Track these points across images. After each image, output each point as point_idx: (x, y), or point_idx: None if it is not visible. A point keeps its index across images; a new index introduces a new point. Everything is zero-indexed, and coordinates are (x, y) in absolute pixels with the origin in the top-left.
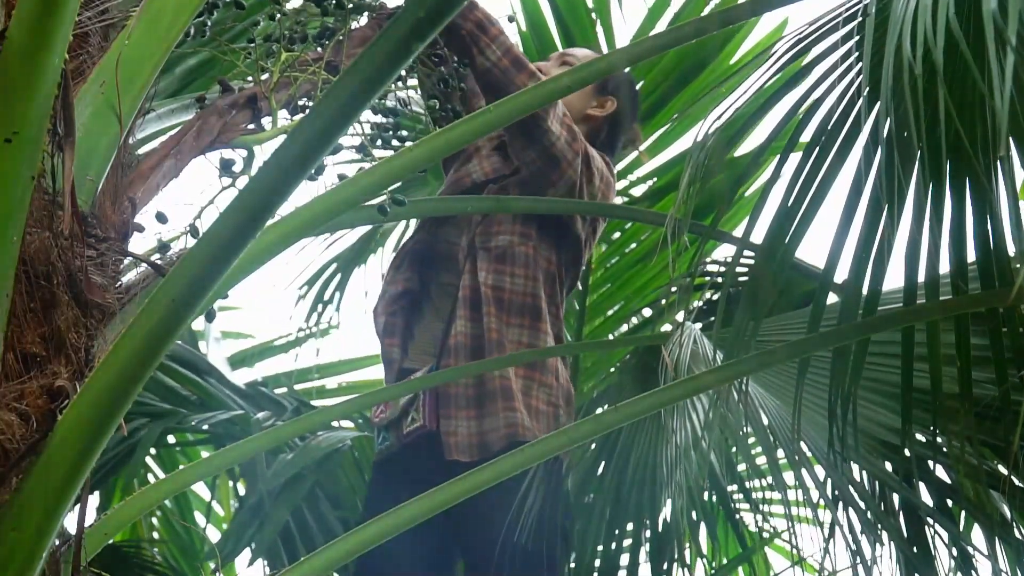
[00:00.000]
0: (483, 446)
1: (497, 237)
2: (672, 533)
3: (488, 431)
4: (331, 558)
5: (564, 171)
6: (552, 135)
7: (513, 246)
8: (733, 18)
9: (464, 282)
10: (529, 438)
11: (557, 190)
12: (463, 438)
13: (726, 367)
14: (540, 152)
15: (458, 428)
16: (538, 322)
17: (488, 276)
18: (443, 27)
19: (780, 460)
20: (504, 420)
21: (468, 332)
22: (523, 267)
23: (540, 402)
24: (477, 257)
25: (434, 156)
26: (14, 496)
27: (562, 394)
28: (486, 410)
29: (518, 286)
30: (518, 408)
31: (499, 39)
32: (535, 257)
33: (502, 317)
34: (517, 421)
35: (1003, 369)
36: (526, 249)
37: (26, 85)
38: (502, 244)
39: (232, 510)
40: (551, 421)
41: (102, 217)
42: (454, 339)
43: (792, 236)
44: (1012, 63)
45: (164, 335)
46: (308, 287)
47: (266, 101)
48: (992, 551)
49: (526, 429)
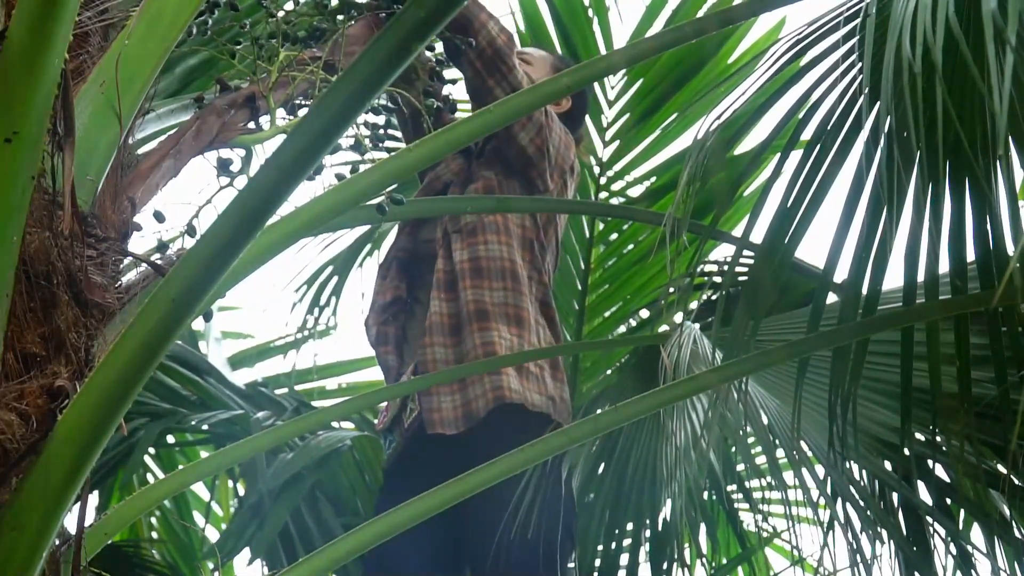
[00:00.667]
0: (468, 415)
1: (465, 216)
2: (672, 533)
3: (472, 399)
4: (331, 558)
5: (505, 74)
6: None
7: (482, 218)
8: (732, 18)
9: (438, 266)
10: (516, 400)
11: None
12: (447, 412)
13: (726, 367)
14: (478, 53)
15: (441, 403)
16: (518, 284)
17: (463, 252)
18: (443, 26)
19: (780, 460)
20: (490, 384)
21: (444, 311)
22: (495, 233)
23: (530, 364)
24: (451, 241)
25: (434, 156)
26: (14, 496)
27: (547, 359)
28: (467, 380)
29: (493, 252)
30: (504, 372)
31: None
32: (505, 224)
33: (483, 284)
34: (503, 384)
35: (1002, 368)
36: (495, 218)
37: (26, 85)
38: (471, 220)
39: (232, 510)
40: (541, 382)
41: (102, 217)
42: (430, 320)
43: (792, 236)
44: (1012, 63)
45: (164, 335)
46: (307, 287)
47: (264, 100)
48: (991, 550)
49: (513, 391)
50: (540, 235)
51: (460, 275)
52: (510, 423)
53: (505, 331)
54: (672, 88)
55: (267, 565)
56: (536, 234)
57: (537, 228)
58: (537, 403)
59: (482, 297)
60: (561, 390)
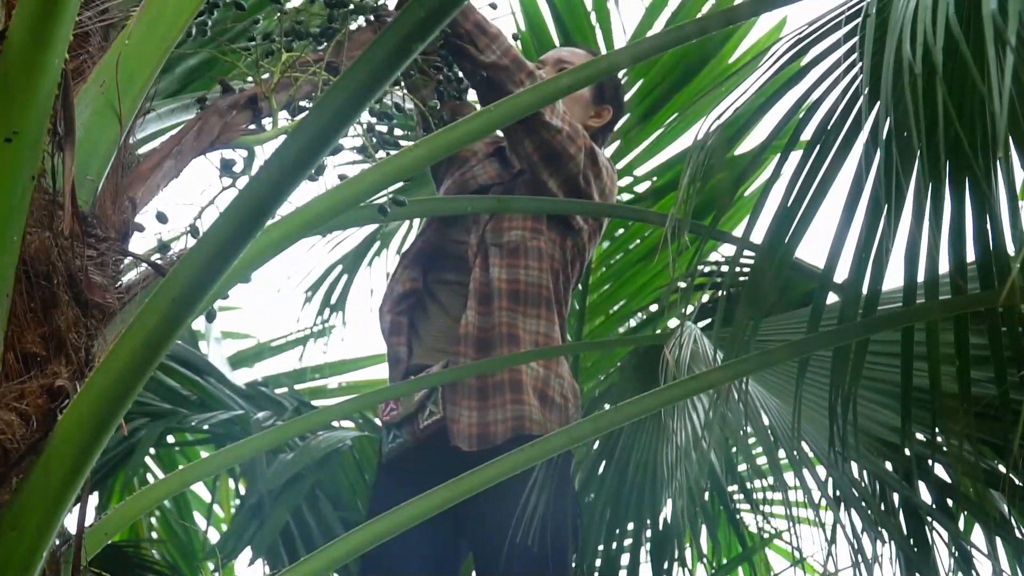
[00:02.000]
0: (483, 437)
1: (509, 232)
2: (672, 533)
3: (491, 423)
4: (332, 558)
5: (565, 164)
6: (553, 128)
7: (526, 241)
8: (735, 17)
9: (475, 275)
10: (536, 432)
11: (556, 183)
12: (464, 427)
13: (726, 367)
14: (539, 144)
15: (460, 416)
16: (551, 313)
17: (502, 271)
18: (444, 27)
19: (781, 460)
20: (512, 412)
21: (476, 324)
22: (536, 260)
23: (556, 394)
24: (489, 253)
25: (436, 155)
26: (14, 496)
27: (570, 388)
28: (490, 402)
29: (532, 278)
30: (527, 401)
31: (498, 39)
32: (546, 252)
33: (518, 309)
34: (524, 414)
35: (1002, 368)
36: (538, 243)
37: (26, 85)
38: (515, 239)
39: (232, 510)
40: (563, 414)
41: (102, 217)
42: (464, 328)
43: (792, 236)
44: (1012, 63)
45: (164, 335)
46: (312, 292)
47: (266, 102)
48: (992, 550)
49: (533, 423)
50: (567, 269)
51: (497, 294)
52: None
53: (543, 361)
54: (673, 88)
55: (268, 565)
56: (564, 267)
57: (565, 262)
58: None
59: (516, 322)
60: (578, 416)
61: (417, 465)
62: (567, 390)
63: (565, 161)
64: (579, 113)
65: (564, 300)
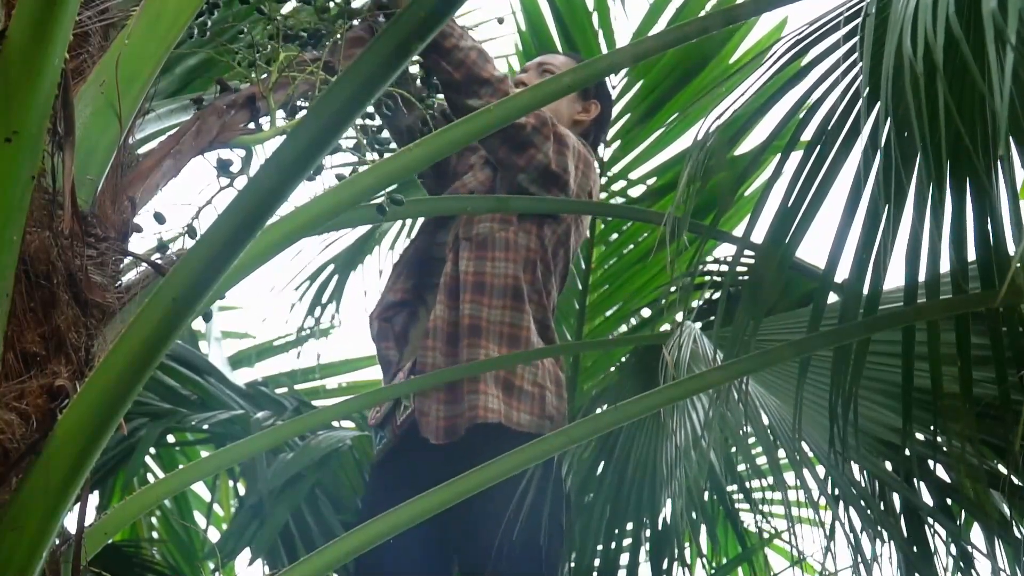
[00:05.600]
0: (450, 429)
1: (478, 225)
2: (672, 533)
3: (457, 415)
4: (331, 558)
5: (533, 156)
6: (517, 124)
7: (494, 232)
8: (736, 17)
9: (446, 270)
10: (492, 420)
11: (528, 175)
12: (433, 420)
13: (726, 366)
14: (505, 137)
15: (430, 409)
16: (521, 303)
17: (469, 264)
18: (443, 25)
19: (780, 460)
20: (467, 403)
21: (445, 317)
22: (503, 251)
23: (525, 382)
24: (460, 247)
25: (435, 155)
26: (14, 496)
27: (549, 376)
28: (455, 394)
29: (499, 269)
30: (483, 390)
31: (464, 35)
32: (515, 242)
33: (482, 301)
34: (480, 403)
35: (1003, 369)
36: (506, 235)
37: (26, 85)
38: (483, 232)
39: (232, 510)
40: (536, 402)
41: (102, 217)
42: (432, 323)
43: (792, 235)
44: (1012, 62)
45: (164, 335)
46: (309, 283)
47: (264, 101)
48: (992, 550)
49: (489, 411)
50: (547, 256)
51: (463, 286)
52: (491, 443)
53: (495, 349)
54: (673, 88)
55: (268, 565)
56: (542, 255)
57: (544, 250)
58: (524, 423)
59: (479, 313)
60: (561, 404)
61: (403, 462)
62: (544, 378)
63: (532, 152)
64: (564, 111)
65: (546, 289)
